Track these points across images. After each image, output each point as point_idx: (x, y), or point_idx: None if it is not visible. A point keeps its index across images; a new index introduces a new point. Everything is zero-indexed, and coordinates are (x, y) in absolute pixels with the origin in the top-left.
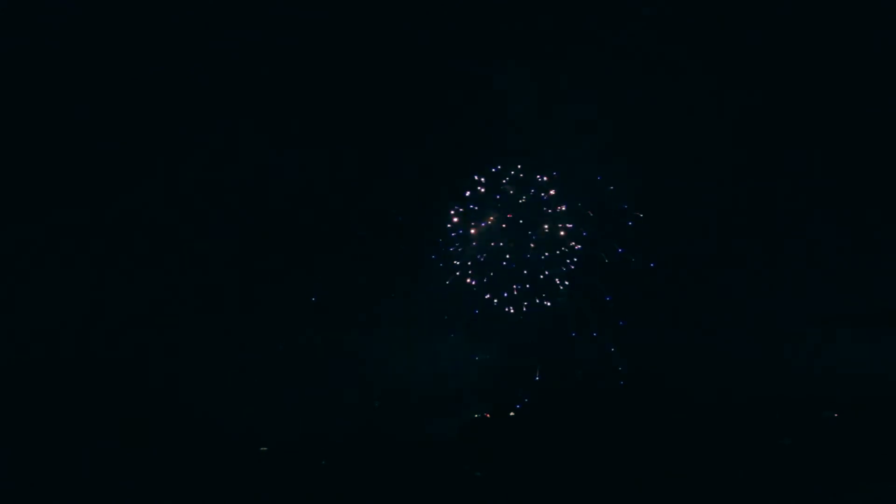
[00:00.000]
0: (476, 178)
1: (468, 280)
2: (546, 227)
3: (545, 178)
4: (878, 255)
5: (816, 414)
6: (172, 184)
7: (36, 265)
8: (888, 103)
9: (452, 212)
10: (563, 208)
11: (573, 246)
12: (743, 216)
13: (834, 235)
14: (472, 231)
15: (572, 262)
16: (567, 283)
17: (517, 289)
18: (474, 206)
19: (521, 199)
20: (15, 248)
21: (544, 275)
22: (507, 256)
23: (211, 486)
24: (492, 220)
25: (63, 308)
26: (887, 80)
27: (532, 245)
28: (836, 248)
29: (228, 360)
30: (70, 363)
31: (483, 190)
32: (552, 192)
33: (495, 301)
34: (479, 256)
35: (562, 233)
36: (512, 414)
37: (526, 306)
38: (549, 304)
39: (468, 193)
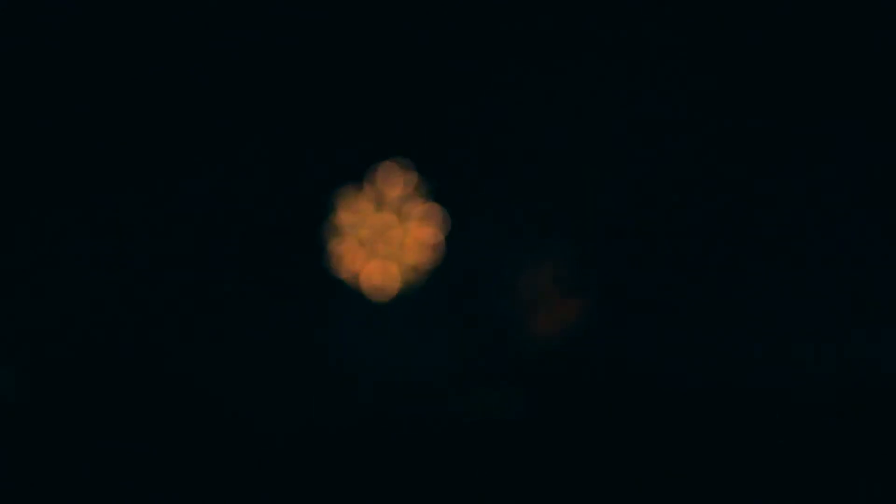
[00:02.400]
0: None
1: (467, 277)
2: (544, 225)
3: (544, 178)
4: (878, 255)
5: (817, 414)
6: (172, 184)
7: (35, 265)
8: (888, 103)
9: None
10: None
11: (572, 244)
12: (744, 216)
13: (834, 235)
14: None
15: (571, 262)
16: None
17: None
18: (473, 204)
19: (521, 197)
20: (15, 248)
21: (542, 273)
22: (506, 255)
23: (211, 486)
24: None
25: (62, 308)
26: (887, 80)
27: (531, 243)
28: (837, 247)
29: (228, 359)
30: (69, 363)
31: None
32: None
33: (495, 300)
34: (477, 255)
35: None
36: (510, 414)
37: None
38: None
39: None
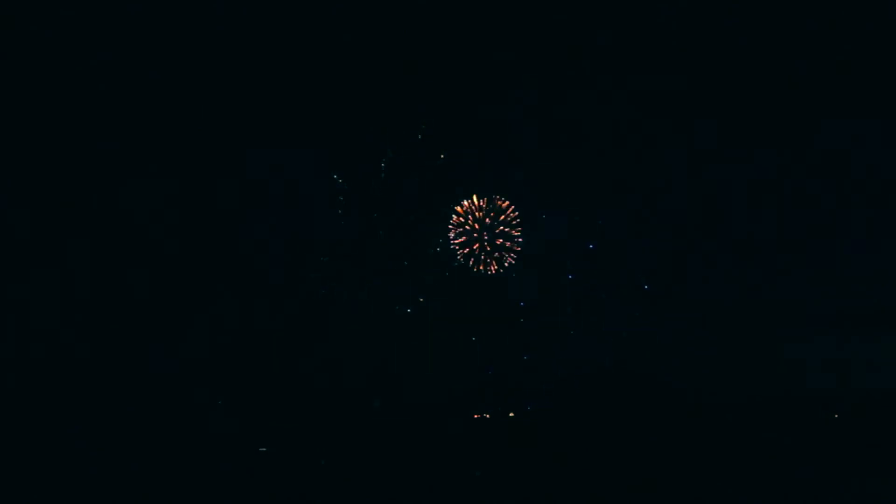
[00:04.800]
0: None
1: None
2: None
3: (543, 181)
4: (878, 255)
5: (817, 414)
6: (173, 183)
7: (36, 264)
8: (888, 104)
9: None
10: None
11: (575, 249)
12: (744, 217)
13: (834, 236)
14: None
15: (572, 264)
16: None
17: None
18: (475, 205)
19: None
20: (14, 247)
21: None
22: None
23: (211, 486)
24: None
25: (61, 308)
26: (887, 80)
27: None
28: (837, 248)
29: (228, 361)
30: (69, 364)
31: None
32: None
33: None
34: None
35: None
36: (511, 414)
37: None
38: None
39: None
